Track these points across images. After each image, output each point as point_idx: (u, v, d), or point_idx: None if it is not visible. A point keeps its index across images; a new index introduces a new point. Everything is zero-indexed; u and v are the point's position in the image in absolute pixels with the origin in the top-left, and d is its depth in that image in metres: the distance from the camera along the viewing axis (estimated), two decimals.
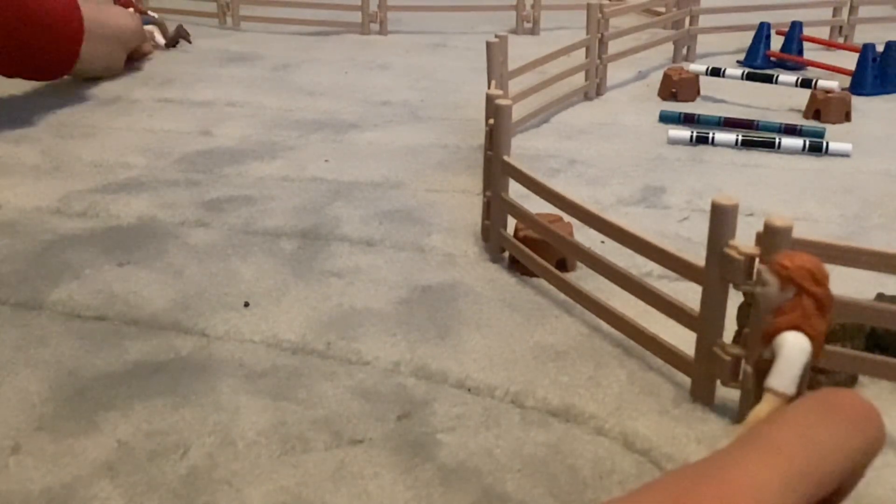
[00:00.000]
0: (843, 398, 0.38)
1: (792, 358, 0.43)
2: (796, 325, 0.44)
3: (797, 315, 0.44)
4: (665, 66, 2.02)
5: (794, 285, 0.44)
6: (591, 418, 0.79)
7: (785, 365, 0.43)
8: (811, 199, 1.33)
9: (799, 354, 0.43)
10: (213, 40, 2.43)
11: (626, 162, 1.49)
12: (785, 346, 0.44)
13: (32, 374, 0.86)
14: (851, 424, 0.36)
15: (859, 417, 0.37)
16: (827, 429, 0.35)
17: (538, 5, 2.56)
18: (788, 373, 0.43)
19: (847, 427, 0.36)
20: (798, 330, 0.44)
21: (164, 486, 0.71)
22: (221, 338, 0.94)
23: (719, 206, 0.74)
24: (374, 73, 2.09)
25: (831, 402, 0.37)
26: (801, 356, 0.43)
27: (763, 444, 0.34)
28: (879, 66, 1.92)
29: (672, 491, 0.32)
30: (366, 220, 1.24)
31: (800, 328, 0.44)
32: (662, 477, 0.33)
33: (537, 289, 1.04)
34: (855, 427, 0.36)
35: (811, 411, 0.37)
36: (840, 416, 0.36)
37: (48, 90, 1.90)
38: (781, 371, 0.43)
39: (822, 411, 0.37)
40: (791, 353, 0.44)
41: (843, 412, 0.37)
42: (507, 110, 1.05)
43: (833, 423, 0.36)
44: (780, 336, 0.44)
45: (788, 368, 0.43)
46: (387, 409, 0.81)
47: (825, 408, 0.37)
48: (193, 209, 1.27)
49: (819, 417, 0.36)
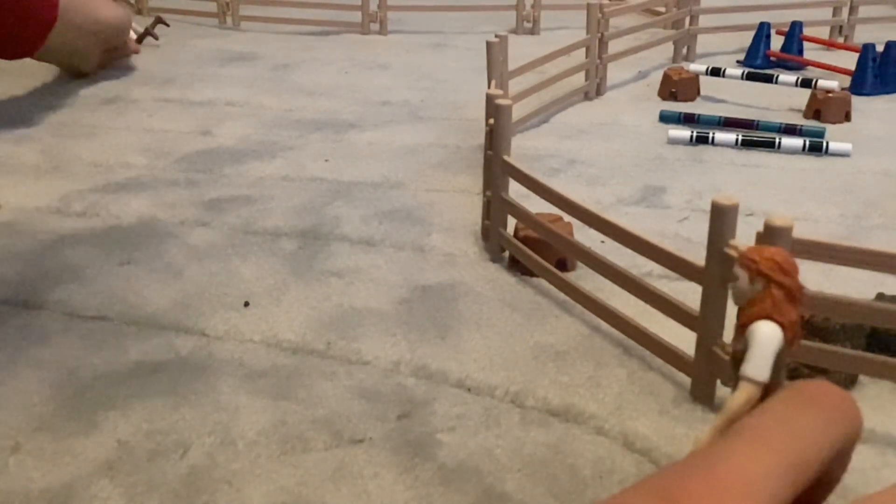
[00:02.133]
0: (817, 388, 0.39)
1: (763, 345, 0.45)
2: (767, 315, 0.46)
3: (767, 305, 0.46)
4: (665, 66, 2.02)
5: (763, 277, 0.46)
6: (591, 418, 0.79)
7: (757, 352, 0.45)
8: (811, 199, 1.33)
9: (770, 341, 0.45)
10: (213, 40, 2.43)
11: (626, 162, 1.49)
12: (756, 334, 0.46)
13: (32, 374, 0.86)
14: (830, 412, 0.37)
15: (836, 405, 0.38)
16: (808, 418, 0.36)
17: (538, 5, 2.56)
18: (761, 360, 0.45)
19: (826, 415, 0.37)
20: (769, 319, 0.46)
21: (164, 485, 0.71)
22: (221, 338, 0.94)
23: (719, 206, 0.74)
24: (374, 73, 2.09)
25: (808, 392, 0.39)
26: (772, 343, 0.45)
27: (750, 437, 0.35)
28: (879, 66, 1.92)
29: (663, 487, 0.32)
30: (366, 220, 1.24)
31: (770, 317, 0.46)
32: (653, 474, 0.34)
33: (537, 289, 1.04)
34: (833, 415, 0.37)
35: (791, 402, 0.38)
36: (818, 405, 0.37)
37: (48, 90, 1.90)
38: (754, 358, 0.45)
39: (800, 402, 0.38)
40: (763, 340, 0.46)
41: (820, 401, 0.38)
42: (507, 110, 1.05)
43: (812, 412, 0.37)
44: (752, 326, 0.46)
45: (761, 355, 0.45)
46: (387, 408, 0.81)
47: (803, 398, 0.38)
48: (193, 209, 1.28)
49: (799, 407, 0.37)
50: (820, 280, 1.01)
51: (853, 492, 0.35)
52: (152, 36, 2.35)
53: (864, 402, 0.83)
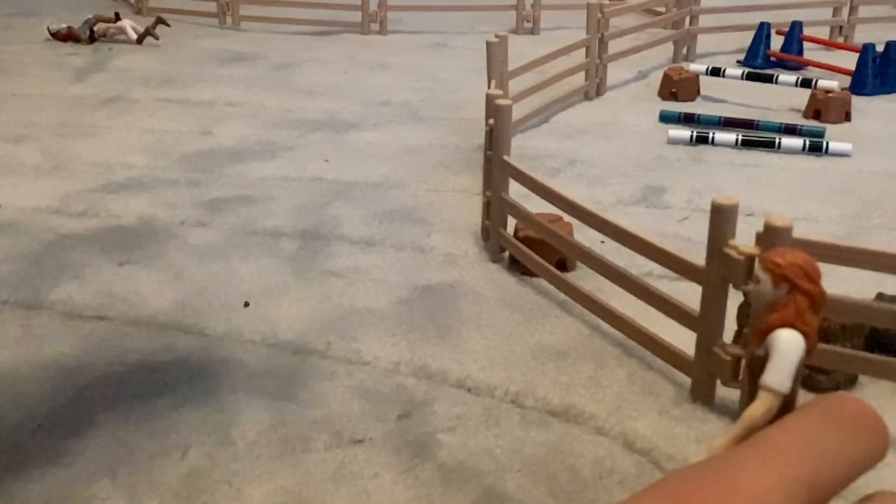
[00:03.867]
0: (848, 405, 0.37)
1: (787, 355, 0.44)
2: (790, 323, 0.44)
3: (791, 312, 0.44)
4: (665, 66, 2.01)
5: (788, 282, 0.44)
6: (591, 418, 0.79)
7: (780, 362, 0.44)
8: (811, 199, 1.33)
9: (794, 351, 0.44)
10: (213, 40, 2.43)
11: (626, 162, 1.49)
12: (779, 343, 0.44)
13: (33, 374, 0.86)
14: (857, 433, 0.36)
15: (865, 426, 0.36)
16: (833, 436, 0.35)
17: (538, 5, 2.56)
18: (783, 370, 0.43)
19: (853, 435, 0.36)
20: (792, 327, 0.44)
21: (164, 486, 0.71)
22: (221, 338, 0.94)
23: (719, 206, 0.74)
24: (374, 73, 2.09)
25: (837, 408, 0.37)
26: (796, 353, 0.44)
27: (768, 449, 0.34)
28: (879, 66, 1.92)
29: (674, 493, 0.32)
30: (366, 220, 1.24)
31: (793, 325, 0.44)
32: (664, 478, 0.33)
33: (537, 289, 1.04)
34: (860, 436, 0.36)
35: (817, 417, 0.37)
36: (846, 423, 0.36)
37: (48, 90, 1.90)
38: (776, 368, 0.44)
39: (828, 418, 0.36)
40: (786, 349, 0.44)
41: (849, 420, 0.36)
42: (507, 110, 1.05)
43: (839, 430, 0.36)
44: (774, 333, 0.45)
45: (783, 365, 0.44)
46: (387, 409, 0.81)
47: (831, 414, 0.37)
48: (193, 209, 1.28)
49: (825, 424, 0.36)
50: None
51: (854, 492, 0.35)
52: (152, 36, 2.35)
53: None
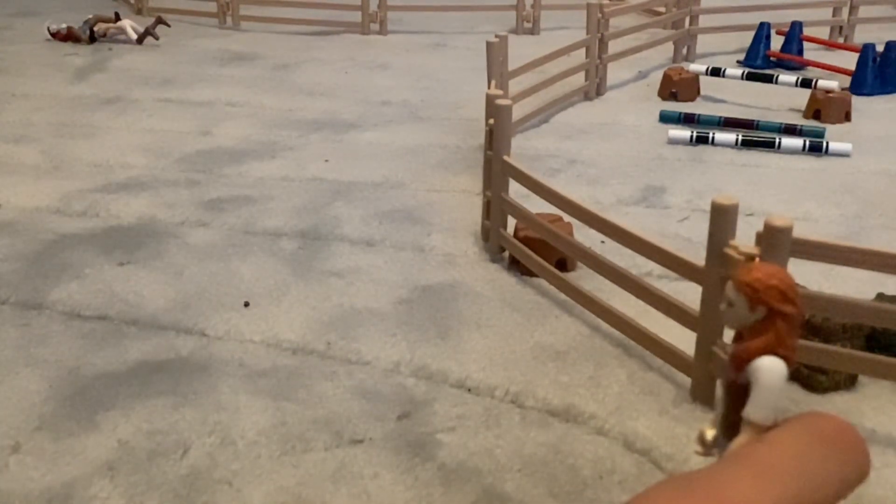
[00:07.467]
0: (833, 425, 0.37)
1: (771, 386, 0.41)
2: (772, 350, 0.41)
3: (772, 338, 0.41)
4: (665, 66, 2.01)
5: (766, 307, 0.41)
6: (591, 418, 0.79)
7: (765, 395, 0.40)
8: (811, 199, 1.33)
9: (778, 381, 0.41)
10: (213, 40, 2.43)
11: (626, 162, 1.49)
12: (762, 374, 0.41)
13: (32, 374, 0.86)
14: (842, 454, 0.36)
15: (849, 447, 0.36)
16: (820, 457, 0.35)
17: (538, 5, 2.56)
18: (768, 403, 0.40)
19: (838, 457, 0.36)
20: (773, 354, 0.41)
21: (164, 485, 0.71)
22: (221, 338, 0.94)
23: (719, 206, 0.74)
24: (374, 73, 2.09)
25: (822, 429, 0.37)
26: (780, 382, 0.40)
27: (758, 466, 0.34)
28: (879, 66, 1.92)
29: (668, 501, 0.32)
30: (366, 220, 1.24)
31: (775, 352, 0.41)
32: (655, 486, 0.33)
33: (537, 289, 1.04)
34: (845, 457, 0.36)
35: (806, 438, 0.36)
36: (831, 445, 0.36)
37: (48, 90, 1.90)
38: (761, 403, 0.40)
39: (814, 439, 0.36)
40: (770, 381, 0.41)
41: (834, 441, 0.36)
42: (507, 110, 1.05)
43: (825, 451, 0.36)
44: (756, 362, 0.41)
45: (768, 399, 0.40)
46: (387, 409, 0.81)
47: (817, 435, 0.36)
48: (193, 209, 1.28)
49: (812, 445, 0.36)
50: (820, 280, 1.01)
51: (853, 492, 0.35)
52: (153, 36, 2.35)
53: (864, 402, 0.83)
